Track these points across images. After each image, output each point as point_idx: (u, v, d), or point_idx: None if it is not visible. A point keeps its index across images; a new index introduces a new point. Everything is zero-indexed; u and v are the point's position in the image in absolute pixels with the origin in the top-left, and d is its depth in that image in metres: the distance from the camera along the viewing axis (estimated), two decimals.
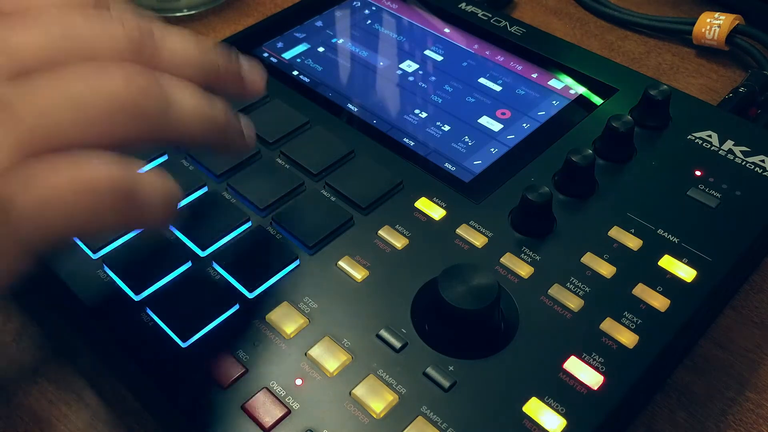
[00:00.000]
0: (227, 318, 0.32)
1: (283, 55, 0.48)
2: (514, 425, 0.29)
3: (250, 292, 0.33)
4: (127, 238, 0.35)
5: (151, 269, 0.34)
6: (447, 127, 0.42)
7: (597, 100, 0.43)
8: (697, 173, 0.39)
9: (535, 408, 0.29)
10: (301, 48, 0.48)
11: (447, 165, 0.40)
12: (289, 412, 0.29)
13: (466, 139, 0.41)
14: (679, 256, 0.34)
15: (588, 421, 0.29)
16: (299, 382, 0.30)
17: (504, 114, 0.43)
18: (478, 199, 0.37)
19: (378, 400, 0.29)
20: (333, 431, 0.29)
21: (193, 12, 0.59)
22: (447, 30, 0.49)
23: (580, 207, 0.37)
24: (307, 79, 0.46)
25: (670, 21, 0.56)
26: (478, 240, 0.35)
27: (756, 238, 0.36)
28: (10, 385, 0.35)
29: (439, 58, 0.47)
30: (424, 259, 0.35)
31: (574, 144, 0.40)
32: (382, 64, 0.47)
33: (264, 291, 0.33)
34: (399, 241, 0.35)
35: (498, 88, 0.45)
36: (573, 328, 0.32)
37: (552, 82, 0.45)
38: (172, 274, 0.34)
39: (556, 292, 0.33)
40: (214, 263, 0.34)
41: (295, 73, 0.46)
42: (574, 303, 0.33)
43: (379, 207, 0.37)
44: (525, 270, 0.34)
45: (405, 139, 0.41)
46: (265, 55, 0.48)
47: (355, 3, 0.52)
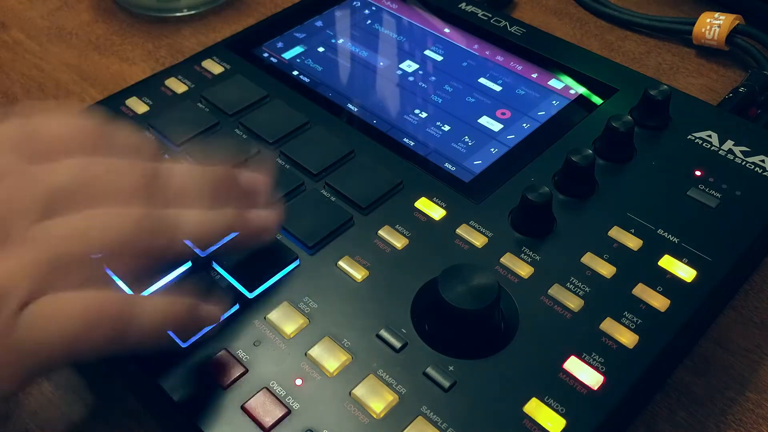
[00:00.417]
0: (227, 318, 0.32)
1: (283, 55, 0.48)
2: (514, 425, 0.29)
3: (250, 292, 0.33)
4: None
5: (152, 269, 0.34)
6: (447, 127, 0.42)
7: (597, 100, 0.43)
8: (697, 173, 0.39)
9: (535, 408, 0.29)
10: (301, 48, 0.48)
11: (447, 165, 0.40)
12: (289, 412, 0.29)
13: (466, 139, 0.41)
14: (679, 256, 0.34)
15: (588, 421, 0.29)
16: (299, 382, 0.30)
17: (504, 114, 0.43)
18: (478, 199, 0.37)
19: (378, 400, 0.29)
20: (333, 431, 0.29)
21: (193, 12, 0.59)
22: (447, 30, 0.49)
23: (580, 207, 0.37)
24: (307, 79, 0.46)
25: (670, 21, 0.56)
26: (478, 240, 0.35)
27: (756, 238, 0.36)
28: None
29: (439, 58, 0.47)
30: (424, 259, 0.35)
31: (574, 144, 0.40)
32: (382, 64, 0.47)
33: (264, 291, 0.33)
34: (399, 241, 0.35)
35: (498, 88, 0.45)
36: (573, 328, 0.32)
37: (552, 82, 0.45)
38: (172, 274, 0.34)
39: (556, 292, 0.33)
40: (214, 263, 0.34)
41: (295, 73, 0.46)
42: (574, 303, 0.33)
43: (379, 207, 0.37)
44: (525, 270, 0.34)
45: (405, 139, 0.41)
46: (265, 55, 0.48)
47: (355, 3, 0.52)
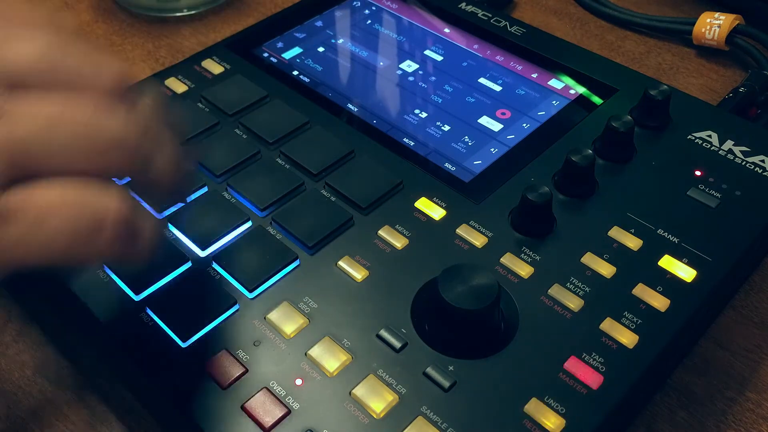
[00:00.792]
0: (227, 318, 0.32)
1: (283, 55, 0.48)
2: (514, 425, 0.29)
3: (250, 292, 0.33)
4: None
5: (151, 269, 0.34)
6: (447, 127, 0.42)
7: (597, 100, 0.43)
8: (697, 173, 0.39)
9: (535, 408, 0.29)
10: (301, 48, 0.48)
11: (447, 165, 0.40)
12: (289, 412, 0.29)
13: (466, 139, 0.41)
14: (679, 256, 0.34)
15: (588, 421, 0.29)
16: (299, 382, 0.30)
17: (504, 114, 0.43)
18: (478, 199, 0.37)
19: (378, 400, 0.29)
20: (333, 431, 0.29)
21: (193, 12, 0.59)
22: (447, 30, 0.49)
23: (580, 207, 0.37)
24: (307, 79, 0.46)
25: (670, 21, 0.56)
26: (478, 240, 0.35)
27: (756, 238, 0.36)
28: (10, 385, 0.35)
29: (439, 58, 0.47)
30: (424, 259, 0.35)
31: (574, 144, 0.40)
32: (382, 64, 0.47)
33: (264, 291, 0.33)
34: (399, 241, 0.35)
35: (498, 88, 0.45)
36: (573, 328, 0.32)
37: (552, 82, 0.45)
38: (172, 274, 0.34)
39: (556, 292, 0.33)
40: (214, 263, 0.34)
41: (295, 73, 0.46)
42: (574, 303, 0.33)
43: (379, 207, 0.37)
44: (525, 270, 0.34)
45: (405, 139, 0.41)
46: (265, 55, 0.48)
47: (355, 3, 0.52)
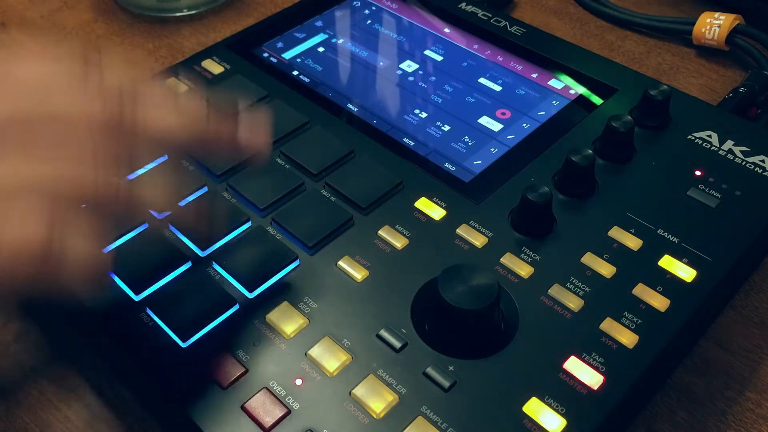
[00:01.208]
0: (227, 318, 0.32)
1: (283, 55, 0.48)
2: (514, 425, 0.29)
3: (250, 292, 0.33)
4: (127, 238, 0.35)
5: (151, 269, 0.34)
6: (447, 127, 0.42)
7: (597, 100, 0.43)
8: (697, 173, 0.39)
9: (535, 408, 0.29)
10: (301, 48, 0.48)
11: (447, 165, 0.40)
12: (289, 412, 0.29)
13: (466, 139, 0.41)
14: (679, 256, 0.34)
15: (588, 421, 0.29)
16: (299, 382, 0.30)
17: (504, 114, 0.43)
18: (478, 199, 0.37)
19: (378, 400, 0.29)
20: (333, 431, 0.29)
21: (193, 12, 0.59)
22: (447, 30, 0.49)
23: (580, 207, 0.37)
24: (307, 79, 0.46)
25: (670, 21, 0.56)
26: (478, 240, 0.35)
27: (756, 238, 0.36)
28: (10, 385, 0.35)
29: (439, 58, 0.47)
30: (424, 259, 0.35)
31: (574, 144, 0.40)
32: (382, 64, 0.47)
33: (264, 291, 0.33)
34: (399, 241, 0.35)
35: (498, 88, 0.45)
36: (573, 328, 0.32)
37: (552, 82, 0.45)
38: (172, 274, 0.34)
39: (556, 292, 0.33)
40: (214, 263, 0.34)
41: (295, 73, 0.46)
42: (574, 303, 0.33)
43: (379, 207, 0.37)
44: (525, 270, 0.34)
45: (405, 139, 0.41)
46: (265, 55, 0.48)
47: (355, 3, 0.52)
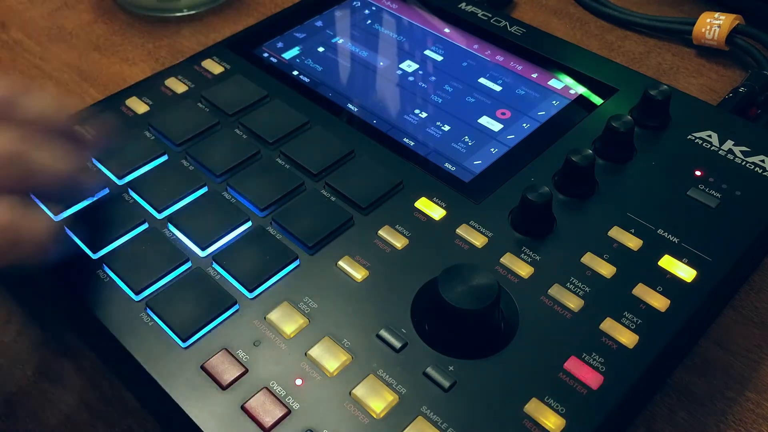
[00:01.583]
0: (227, 318, 0.32)
1: (283, 55, 0.48)
2: (514, 425, 0.29)
3: (250, 292, 0.33)
4: (128, 238, 0.35)
5: (151, 269, 0.34)
6: (447, 127, 0.42)
7: (597, 100, 0.43)
8: (697, 173, 0.39)
9: (535, 408, 0.29)
10: (301, 48, 0.48)
11: (447, 165, 0.40)
12: (289, 412, 0.29)
13: (466, 139, 0.41)
14: (679, 256, 0.34)
15: (588, 421, 0.29)
16: (299, 382, 0.30)
17: (504, 114, 0.43)
18: (478, 199, 0.37)
19: (378, 400, 0.29)
20: (333, 431, 0.29)
21: (193, 12, 0.59)
22: (447, 30, 0.49)
23: (580, 207, 0.37)
24: (307, 79, 0.46)
25: (670, 21, 0.56)
26: (478, 240, 0.35)
27: (756, 238, 0.36)
28: (11, 385, 0.35)
29: (439, 58, 0.47)
30: (424, 259, 0.35)
31: (574, 144, 0.40)
32: (382, 64, 0.47)
33: (264, 291, 0.33)
34: (399, 241, 0.35)
35: (498, 88, 0.45)
36: (573, 328, 0.32)
37: (552, 82, 0.45)
38: (172, 274, 0.34)
39: (556, 292, 0.33)
40: (214, 263, 0.34)
41: (295, 73, 0.46)
42: (574, 303, 0.33)
43: (379, 207, 0.37)
44: (525, 270, 0.34)
45: (405, 139, 0.41)
46: (265, 55, 0.48)
47: (355, 3, 0.52)
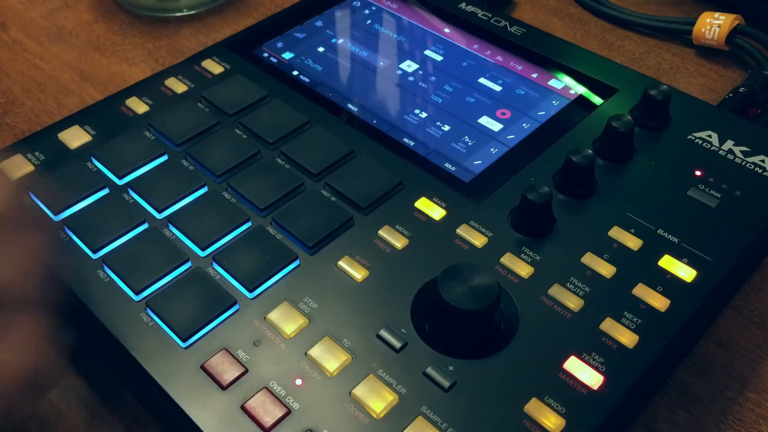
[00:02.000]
0: (227, 318, 0.32)
1: (283, 55, 0.48)
2: (514, 425, 0.29)
3: (250, 292, 0.33)
4: (128, 238, 0.35)
5: (151, 269, 0.34)
6: (447, 127, 0.42)
7: (597, 100, 0.43)
8: (697, 173, 0.39)
9: (535, 408, 0.29)
10: (300, 48, 0.48)
11: (447, 165, 0.40)
12: (289, 412, 0.29)
13: (466, 139, 0.41)
14: (679, 256, 0.34)
15: (588, 421, 0.29)
16: (299, 382, 0.30)
17: (504, 114, 0.43)
18: (478, 199, 0.37)
19: (378, 400, 0.29)
20: (333, 431, 0.29)
21: (193, 12, 0.59)
22: (447, 30, 0.49)
23: (580, 207, 0.37)
24: (307, 79, 0.46)
25: (670, 21, 0.56)
26: (478, 240, 0.35)
27: (756, 238, 0.36)
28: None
29: (439, 58, 0.47)
30: (424, 259, 0.35)
31: (574, 144, 0.40)
32: (382, 64, 0.47)
33: (264, 291, 0.33)
34: (399, 241, 0.35)
35: (498, 88, 0.45)
36: (573, 328, 0.32)
37: (552, 82, 0.45)
38: (172, 274, 0.34)
39: (556, 292, 0.33)
40: (214, 263, 0.34)
41: (295, 73, 0.46)
42: (574, 303, 0.33)
43: (379, 207, 0.37)
44: (525, 270, 0.34)
45: (405, 139, 0.41)
46: (265, 55, 0.48)
47: (355, 3, 0.52)
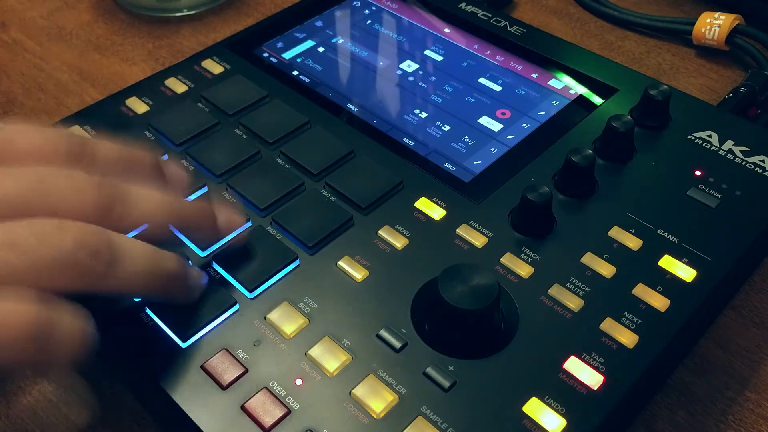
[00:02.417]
0: (227, 318, 0.32)
1: (283, 55, 0.48)
2: (514, 425, 0.29)
3: (250, 292, 0.33)
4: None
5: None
6: (447, 127, 0.42)
7: (597, 100, 0.43)
8: (697, 173, 0.39)
9: (535, 408, 0.29)
10: (301, 48, 0.48)
11: (447, 165, 0.40)
12: (289, 412, 0.29)
13: (466, 139, 0.41)
14: (679, 256, 0.34)
15: (588, 421, 0.29)
16: (299, 382, 0.30)
17: (504, 114, 0.43)
18: (478, 199, 0.37)
19: (378, 400, 0.29)
20: (333, 431, 0.29)
21: (193, 12, 0.59)
22: (447, 30, 0.49)
23: (580, 207, 0.37)
24: (307, 79, 0.46)
25: (670, 21, 0.56)
26: (478, 240, 0.35)
27: (756, 238, 0.36)
28: (10, 385, 0.35)
29: (439, 58, 0.47)
30: (424, 259, 0.35)
31: (574, 144, 0.40)
32: (382, 64, 0.47)
33: (264, 291, 0.33)
34: (399, 241, 0.35)
35: (498, 88, 0.45)
36: (573, 328, 0.32)
37: (552, 82, 0.45)
38: None
39: (556, 292, 0.33)
40: (214, 263, 0.34)
41: (295, 73, 0.46)
42: (574, 303, 0.33)
43: (379, 207, 0.37)
44: (525, 270, 0.34)
45: (405, 139, 0.41)
46: (265, 55, 0.48)
47: (355, 3, 0.52)
